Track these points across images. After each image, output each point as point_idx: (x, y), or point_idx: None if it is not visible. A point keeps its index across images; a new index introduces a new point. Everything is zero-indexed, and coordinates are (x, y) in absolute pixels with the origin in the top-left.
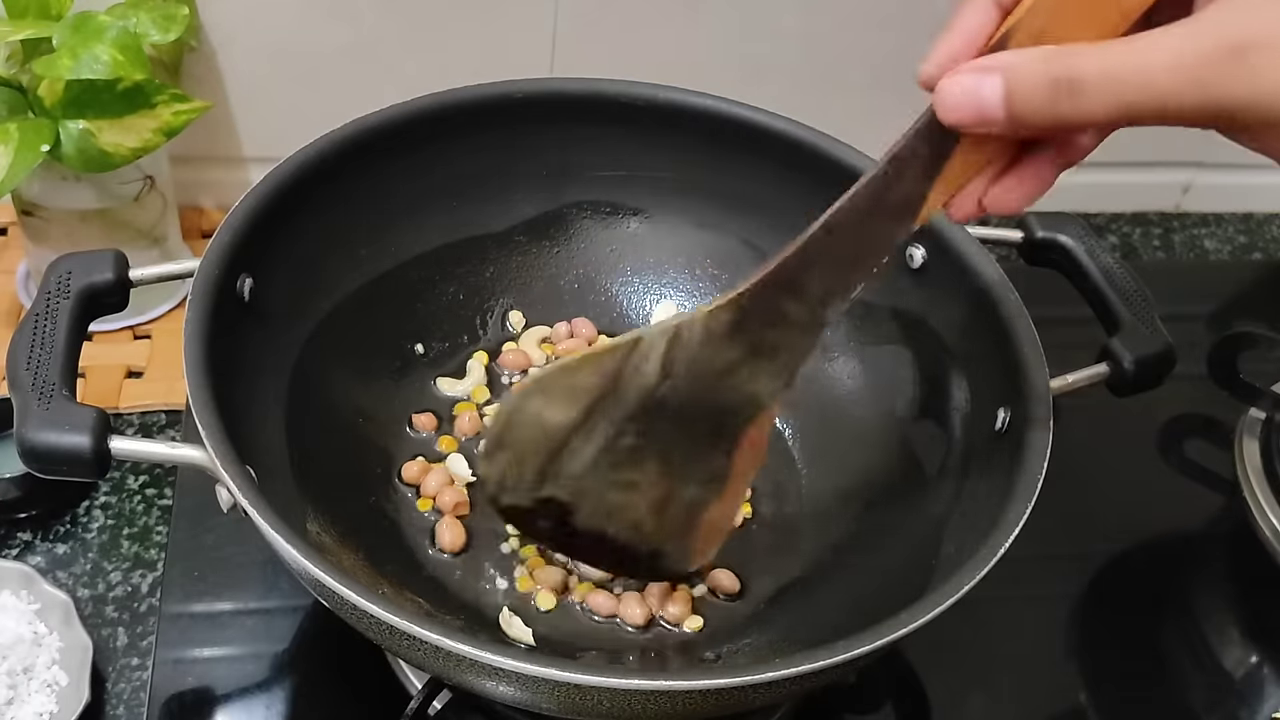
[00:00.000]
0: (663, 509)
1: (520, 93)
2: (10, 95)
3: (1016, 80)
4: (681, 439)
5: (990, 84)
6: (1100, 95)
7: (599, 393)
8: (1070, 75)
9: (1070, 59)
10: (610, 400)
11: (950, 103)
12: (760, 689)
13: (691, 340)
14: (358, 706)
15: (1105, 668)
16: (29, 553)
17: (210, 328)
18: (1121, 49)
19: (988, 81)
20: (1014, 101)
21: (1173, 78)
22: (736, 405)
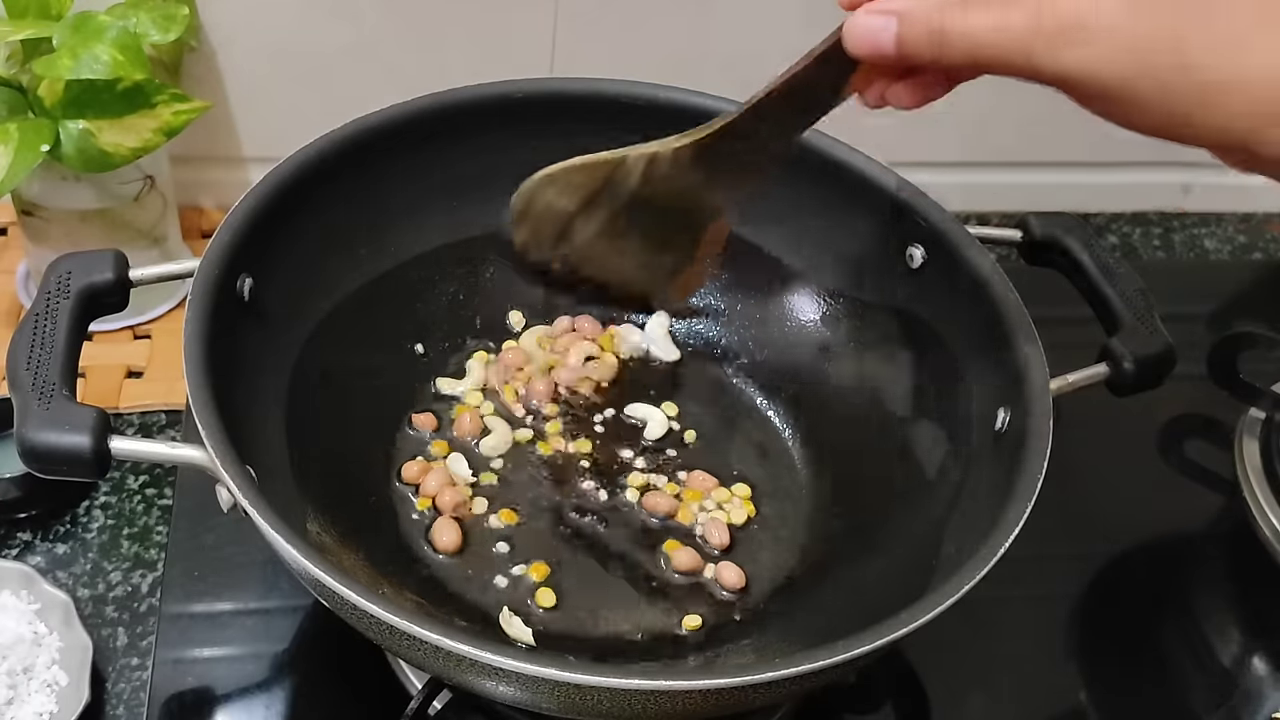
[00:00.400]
0: (647, 268)
1: (520, 93)
2: (10, 95)
3: (906, 26)
4: (659, 225)
5: (889, 28)
6: (961, 50)
7: (595, 188)
8: (943, 29)
9: (945, 15)
10: (604, 194)
11: (854, 38)
12: (760, 689)
13: (663, 163)
14: (358, 706)
15: (1105, 668)
16: (29, 553)
17: (210, 328)
18: (981, 13)
19: (886, 25)
20: (902, 44)
21: (1013, 46)
22: (700, 207)
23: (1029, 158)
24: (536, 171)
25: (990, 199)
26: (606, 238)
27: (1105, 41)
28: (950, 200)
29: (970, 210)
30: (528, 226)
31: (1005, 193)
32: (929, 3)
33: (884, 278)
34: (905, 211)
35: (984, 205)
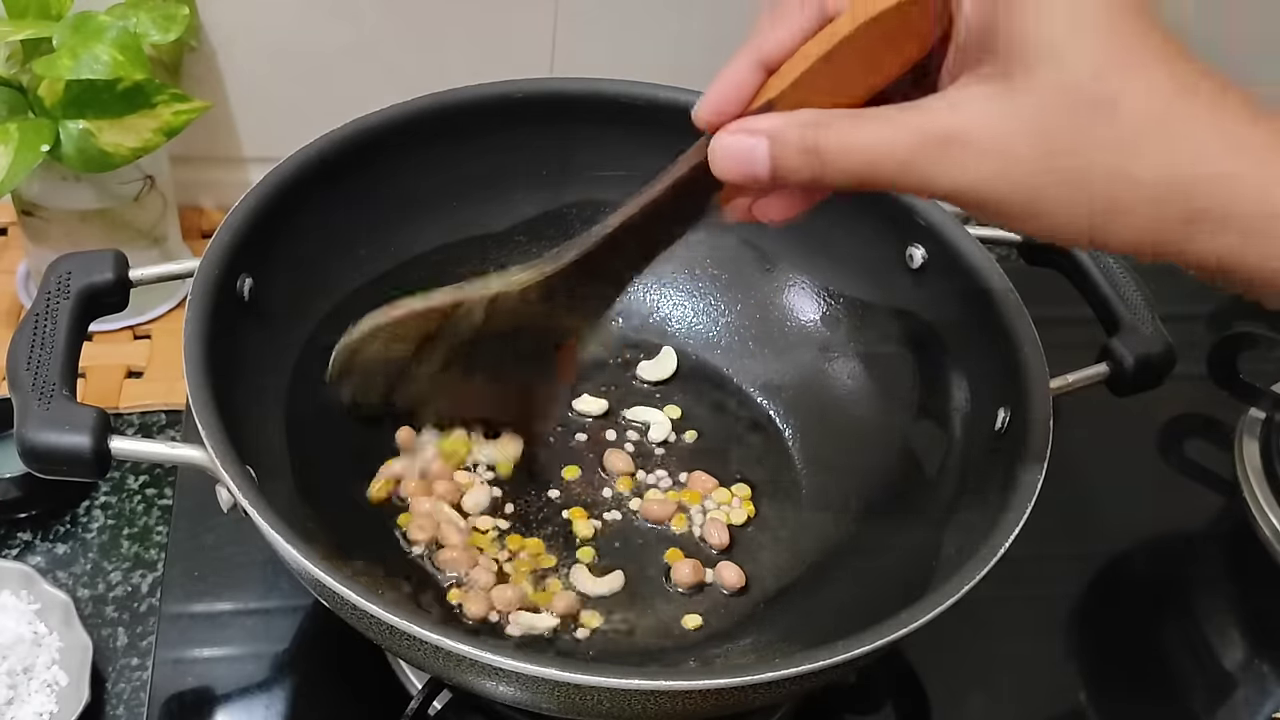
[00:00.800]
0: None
1: (520, 93)
2: (10, 95)
3: (779, 147)
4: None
5: (759, 149)
6: (840, 170)
7: (429, 332)
8: (817, 147)
9: (818, 131)
10: (440, 337)
11: (724, 162)
12: (760, 689)
13: (508, 300)
14: (358, 706)
15: (1105, 668)
16: (29, 553)
17: (210, 328)
18: (852, 128)
19: (756, 146)
20: (776, 165)
21: (889, 160)
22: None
23: None
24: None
25: None
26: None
27: (990, 152)
28: None
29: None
30: (353, 384)
31: None
32: (798, 119)
33: (884, 278)
34: (906, 211)
35: None
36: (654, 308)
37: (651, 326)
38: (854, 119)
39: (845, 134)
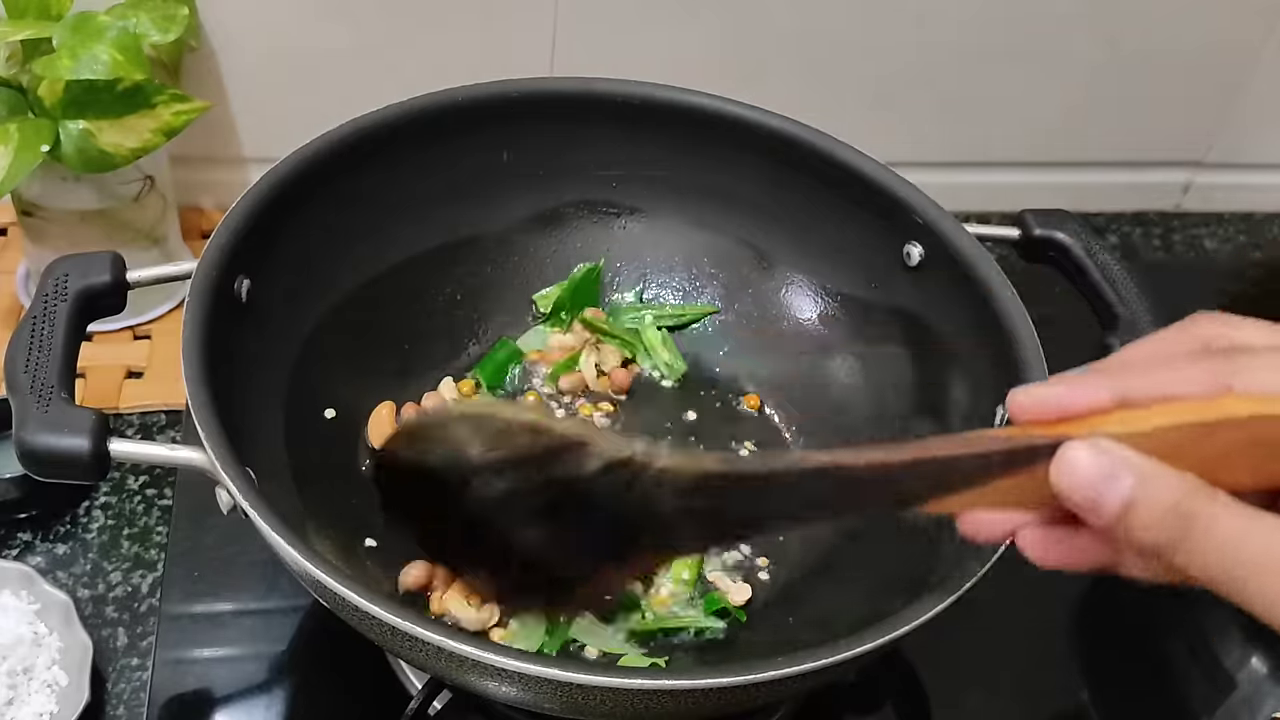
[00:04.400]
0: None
1: (518, 92)
2: (10, 95)
3: (1145, 491)
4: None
5: (1123, 484)
6: (1204, 551)
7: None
8: (1193, 515)
9: (1203, 504)
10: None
11: (1071, 476)
12: (760, 688)
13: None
14: (358, 706)
15: (1105, 668)
16: (29, 553)
17: (208, 329)
18: (1249, 518)
19: (1122, 478)
20: (1131, 511)
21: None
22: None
23: (1029, 158)
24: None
25: (990, 199)
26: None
27: None
28: (950, 200)
29: (970, 210)
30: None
31: (1005, 193)
32: (1180, 475)
33: (883, 276)
34: (903, 210)
35: (984, 205)
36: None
37: None
38: (1241, 508)
39: (1227, 517)
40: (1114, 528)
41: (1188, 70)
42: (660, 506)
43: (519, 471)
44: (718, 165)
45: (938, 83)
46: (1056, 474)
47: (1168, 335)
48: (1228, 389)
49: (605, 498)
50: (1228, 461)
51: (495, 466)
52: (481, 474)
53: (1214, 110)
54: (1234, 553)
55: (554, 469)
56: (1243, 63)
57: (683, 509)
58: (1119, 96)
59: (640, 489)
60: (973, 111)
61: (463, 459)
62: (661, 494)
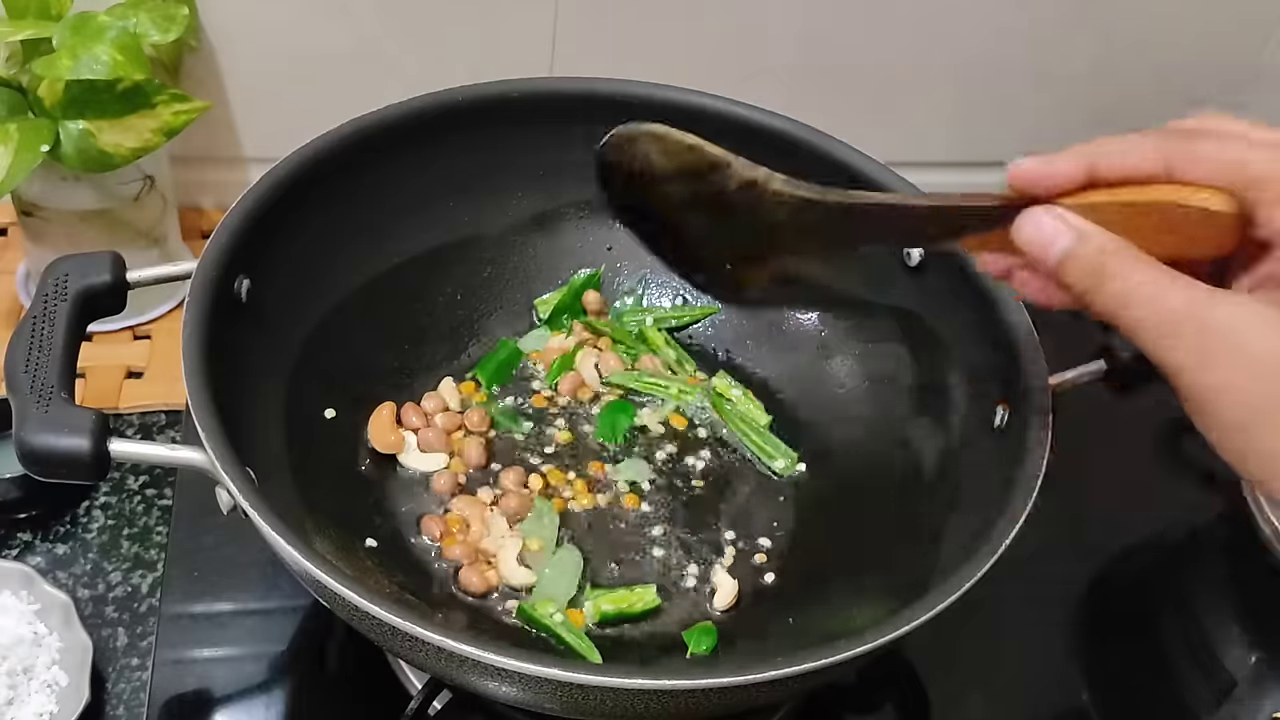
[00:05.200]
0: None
1: (518, 92)
2: (10, 95)
3: (1079, 247)
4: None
5: (1063, 240)
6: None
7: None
8: (1103, 271)
9: (1114, 259)
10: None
11: (1028, 230)
12: (760, 688)
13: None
14: (358, 706)
15: (1106, 668)
16: (29, 553)
17: (208, 330)
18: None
19: (1063, 235)
20: (1065, 261)
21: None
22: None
23: None
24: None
25: None
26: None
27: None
28: None
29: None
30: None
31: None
32: (1109, 238)
33: (882, 276)
34: None
35: None
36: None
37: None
38: (1148, 263)
39: (1132, 270)
40: (1054, 272)
41: (1188, 70)
42: (778, 216)
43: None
44: None
45: (938, 83)
46: (1016, 230)
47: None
48: (1169, 173)
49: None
50: (1153, 234)
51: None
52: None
53: (1213, 110)
54: (1129, 299)
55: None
56: (1243, 63)
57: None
58: (1119, 96)
59: (765, 204)
60: (973, 111)
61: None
62: (779, 208)
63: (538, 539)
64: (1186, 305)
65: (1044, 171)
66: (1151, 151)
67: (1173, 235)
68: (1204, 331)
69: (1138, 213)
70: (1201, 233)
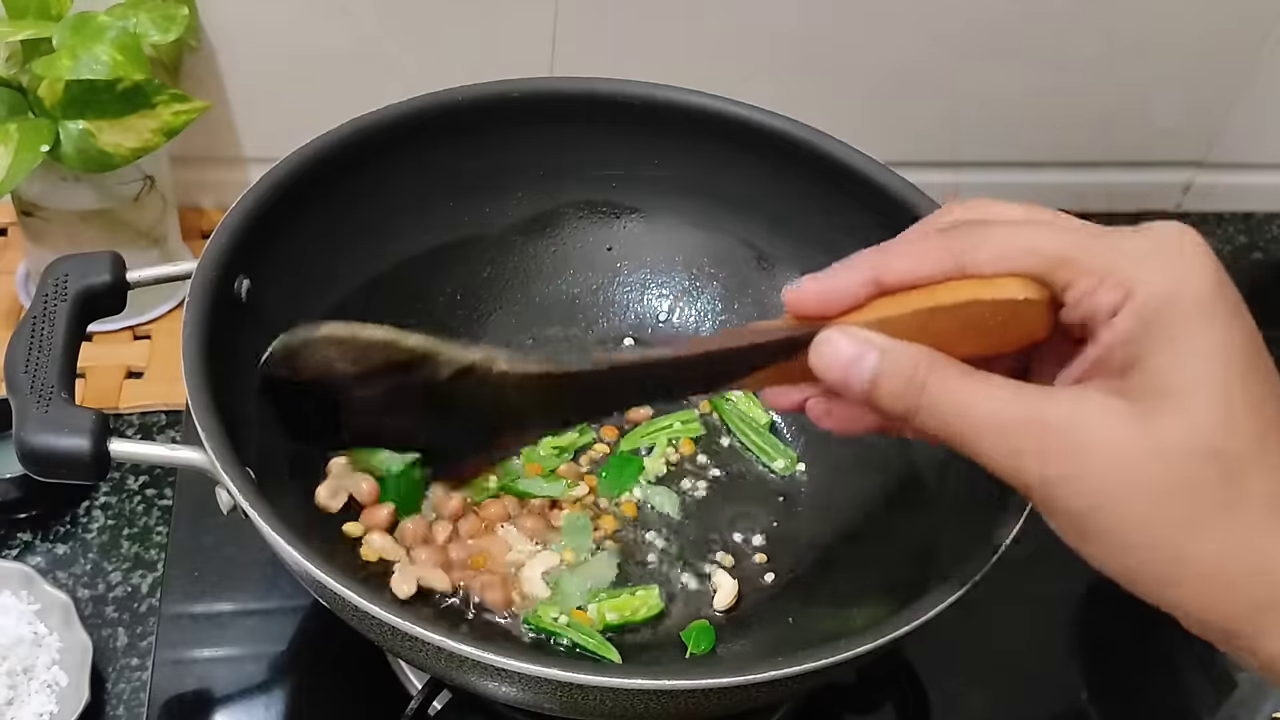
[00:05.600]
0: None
1: (518, 92)
2: (10, 95)
3: (888, 365)
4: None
5: (868, 360)
6: (937, 412)
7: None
8: (926, 385)
9: (932, 371)
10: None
11: (827, 359)
12: (760, 688)
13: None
14: (358, 706)
15: (1105, 668)
16: (29, 553)
17: (208, 330)
18: (966, 380)
19: (865, 355)
20: (877, 384)
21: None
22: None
23: (1029, 158)
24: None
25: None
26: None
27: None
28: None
29: None
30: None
31: (1005, 193)
32: (916, 349)
33: None
34: (903, 210)
35: None
36: (652, 307)
37: (649, 325)
38: (970, 372)
39: (957, 383)
40: (865, 398)
41: (1188, 70)
42: (508, 399)
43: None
44: (718, 165)
45: (938, 83)
46: (814, 358)
47: (933, 216)
48: (961, 269)
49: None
50: (959, 335)
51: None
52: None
53: (1214, 110)
54: (962, 413)
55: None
56: (1243, 62)
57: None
58: (1119, 96)
59: (489, 386)
60: (973, 111)
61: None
62: (507, 390)
63: (571, 550)
64: (1025, 409)
65: (825, 291)
66: (937, 250)
67: (979, 334)
68: (1047, 431)
69: (936, 318)
70: (1010, 326)
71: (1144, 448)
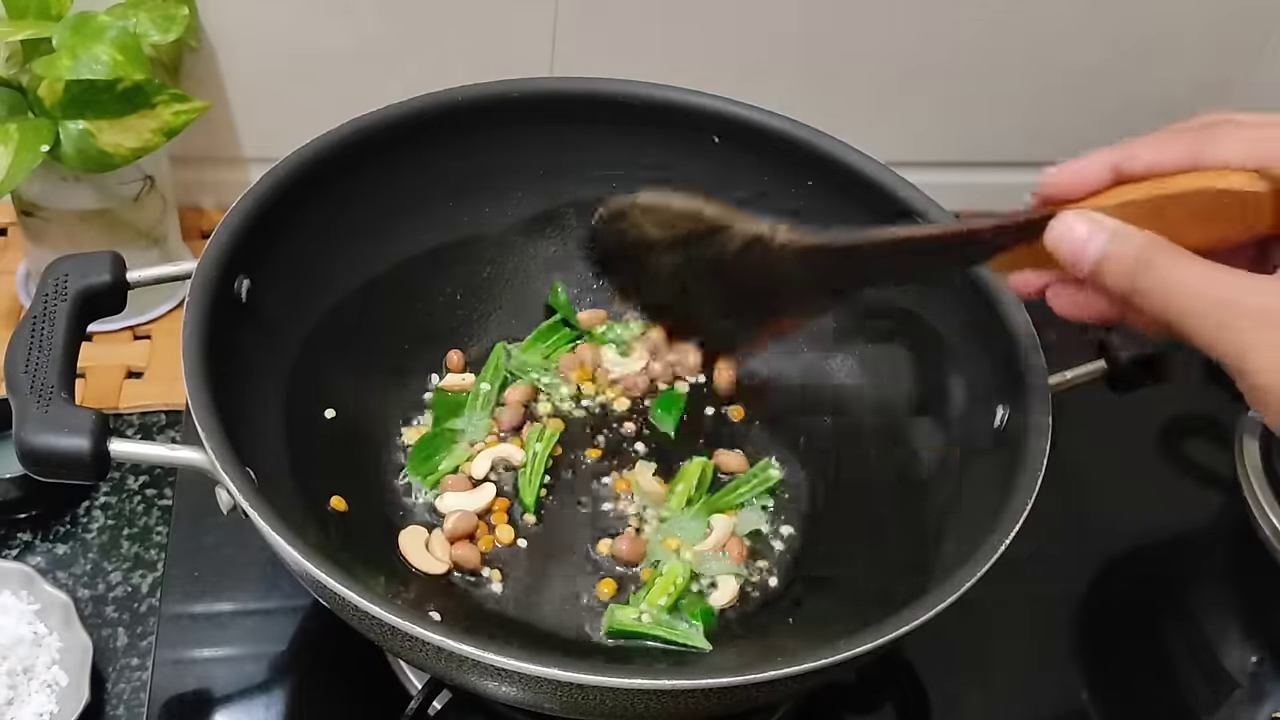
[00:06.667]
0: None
1: (518, 92)
2: (10, 95)
3: (1116, 245)
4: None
5: (1097, 239)
6: (1157, 293)
7: (685, 234)
8: (1151, 263)
9: (1159, 252)
10: (691, 244)
11: (1061, 237)
12: (760, 688)
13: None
14: (357, 706)
15: (1105, 668)
16: (29, 553)
17: (208, 330)
18: (1191, 265)
19: (1095, 235)
20: (1103, 261)
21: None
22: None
23: (1029, 158)
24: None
25: (990, 199)
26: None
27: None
28: (950, 200)
29: (970, 210)
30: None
31: (1005, 192)
32: (1146, 234)
33: None
34: (903, 210)
35: (984, 205)
36: None
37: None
38: (1190, 256)
39: (1181, 267)
40: (1093, 275)
41: (1188, 69)
42: (786, 269)
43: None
44: (719, 165)
45: (938, 83)
46: (1050, 235)
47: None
48: (1198, 162)
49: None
50: (1188, 224)
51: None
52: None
53: (1214, 110)
54: (1179, 293)
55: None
56: (1243, 63)
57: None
58: (1119, 96)
59: (772, 258)
60: (973, 111)
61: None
62: (785, 261)
63: None
64: (1236, 293)
65: (1072, 176)
66: (1175, 145)
67: (1207, 224)
68: (1249, 310)
69: (1169, 205)
70: (1236, 217)
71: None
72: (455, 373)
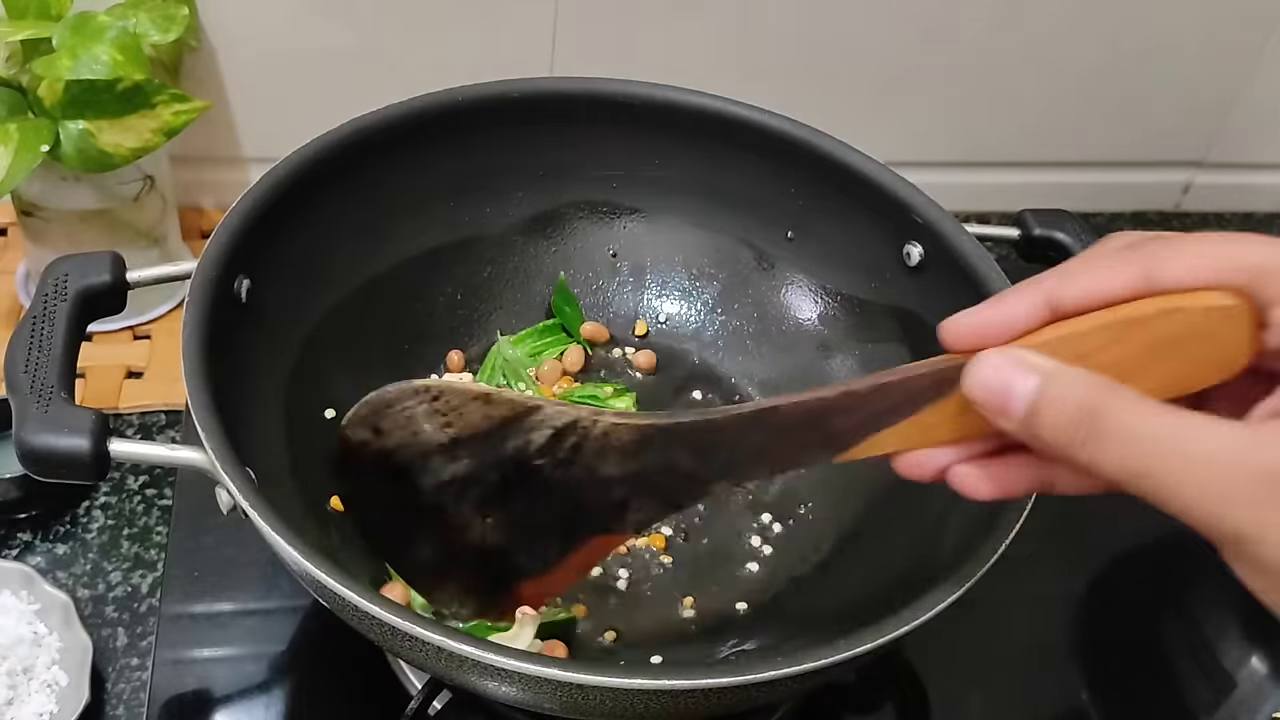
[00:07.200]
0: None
1: (518, 92)
2: (10, 95)
3: (1053, 390)
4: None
5: (1027, 385)
6: (1112, 449)
7: (478, 432)
8: (1099, 413)
9: (1109, 397)
10: (484, 445)
11: (979, 384)
12: (760, 688)
13: (586, 438)
14: (357, 706)
15: (1105, 668)
16: (29, 553)
17: (208, 329)
18: (1151, 411)
19: (1025, 380)
20: (1036, 411)
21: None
22: (595, 515)
23: (1029, 158)
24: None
25: (990, 199)
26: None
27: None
28: (950, 200)
29: (970, 210)
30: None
31: (1005, 192)
32: (1087, 374)
33: (882, 276)
34: (903, 210)
35: (984, 205)
36: (653, 307)
37: (650, 325)
38: (1163, 405)
39: (1142, 414)
40: (1024, 428)
41: (1188, 70)
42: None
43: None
44: (718, 165)
45: (938, 83)
46: (968, 381)
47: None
48: (1151, 285)
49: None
50: (1144, 363)
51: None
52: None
53: (1214, 110)
54: (1141, 450)
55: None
56: (1243, 63)
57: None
58: (1119, 96)
59: (588, 453)
60: (973, 111)
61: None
62: (607, 457)
63: None
64: (1229, 448)
65: (994, 316)
66: (1123, 264)
67: (1171, 362)
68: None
69: (1123, 336)
70: (1207, 351)
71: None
72: (455, 372)
